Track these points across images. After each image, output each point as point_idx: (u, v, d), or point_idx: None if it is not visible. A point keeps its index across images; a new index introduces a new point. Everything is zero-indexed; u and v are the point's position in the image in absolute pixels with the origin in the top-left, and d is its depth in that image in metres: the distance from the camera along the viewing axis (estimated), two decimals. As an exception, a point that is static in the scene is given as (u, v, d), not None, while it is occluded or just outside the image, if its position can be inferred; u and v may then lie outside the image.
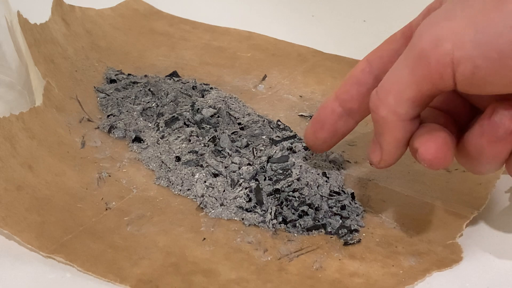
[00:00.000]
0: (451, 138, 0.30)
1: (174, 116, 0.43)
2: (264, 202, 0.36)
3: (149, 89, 0.46)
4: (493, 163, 0.30)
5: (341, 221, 0.36)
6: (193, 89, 0.46)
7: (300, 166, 0.37)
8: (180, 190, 0.38)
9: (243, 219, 0.36)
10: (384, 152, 0.31)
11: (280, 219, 0.35)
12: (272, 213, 0.35)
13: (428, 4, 0.32)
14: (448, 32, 0.25)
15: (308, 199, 0.36)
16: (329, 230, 0.35)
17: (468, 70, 0.25)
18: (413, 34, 0.28)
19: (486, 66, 0.25)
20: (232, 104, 0.44)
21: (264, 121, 0.43)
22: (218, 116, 0.43)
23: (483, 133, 0.28)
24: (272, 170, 0.37)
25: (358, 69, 0.33)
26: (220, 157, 0.39)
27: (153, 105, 0.44)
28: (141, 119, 0.43)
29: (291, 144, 0.40)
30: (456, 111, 0.33)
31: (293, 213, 0.36)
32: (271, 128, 0.42)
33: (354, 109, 0.34)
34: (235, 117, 0.43)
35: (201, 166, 0.39)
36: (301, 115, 0.45)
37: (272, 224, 0.35)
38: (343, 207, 0.36)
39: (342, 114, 0.34)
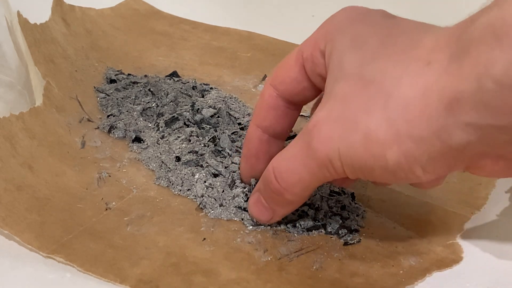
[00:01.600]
0: None
1: (174, 116, 0.43)
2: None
3: (149, 89, 0.46)
4: None
5: (341, 221, 0.36)
6: (193, 89, 0.46)
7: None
8: (180, 190, 0.38)
9: (242, 219, 0.36)
10: (276, 214, 0.34)
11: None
12: (272, 213, 0.35)
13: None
14: (333, 150, 0.30)
15: (308, 199, 0.36)
16: (329, 230, 0.35)
17: (351, 174, 0.30)
18: (305, 126, 0.31)
19: (359, 173, 0.30)
20: (232, 104, 0.45)
21: (264, 121, 0.43)
22: (218, 116, 0.43)
23: None
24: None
25: (266, 95, 0.35)
26: (220, 157, 0.39)
27: (153, 105, 0.44)
28: (141, 119, 0.43)
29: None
30: None
31: (293, 213, 0.36)
32: (271, 128, 0.42)
33: (278, 132, 0.35)
34: (235, 117, 0.43)
35: (201, 166, 0.39)
36: (301, 115, 0.45)
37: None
38: (343, 207, 0.36)
39: (270, 139, 0.35)
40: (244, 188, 0.37)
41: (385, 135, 0.28)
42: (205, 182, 0.37)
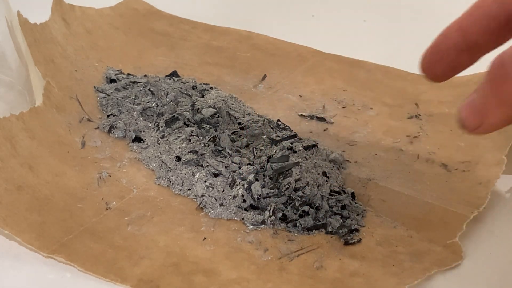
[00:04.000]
0: None
1: (174, 116, 0.43)
2: (264, 201, 0.36)
3: (149, 89, 0.46)
4: None
5: (341, 220, 0.36)
6: (193, 89, 0.46)
7: (301, 166, 0.37)
8: (181, 190, 0.38)
9: (243, 218, 0.36)
10: (487, 119, 0.28)
11: (279, 215, 0.35)
12: (271, 210, 0.35)
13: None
14: None
15: (309, 199, 0.36)
16: (329, 230, 0.35)
17: None
18: None
19: None
20: (232, 104, 0.45)
21: (264, 121, 0.43)
22: (218, 116, 0.43)
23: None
24: (272, 169, 0.37)
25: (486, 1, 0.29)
26: (220, 157, 0.39)
27: (153, 105, 0.44)
28: (141, 119, 0.44)
29: (291, 143, 0.40)
30: None
31: (295, 213, 0.36)
32: (271, 127, 0.42)
33: (479, 45, 0.29)
34: (235, 117, 0.43)
35: (201, 166, 0.39)
36: (301, 115, 0.45)
37: (271, 221, 0.35)
38: (343, 207, 0.36)
39: (464, 48, 0.30)
40: (245, 188, 0.37)
41: None
42: (205, 181, 0.37)
